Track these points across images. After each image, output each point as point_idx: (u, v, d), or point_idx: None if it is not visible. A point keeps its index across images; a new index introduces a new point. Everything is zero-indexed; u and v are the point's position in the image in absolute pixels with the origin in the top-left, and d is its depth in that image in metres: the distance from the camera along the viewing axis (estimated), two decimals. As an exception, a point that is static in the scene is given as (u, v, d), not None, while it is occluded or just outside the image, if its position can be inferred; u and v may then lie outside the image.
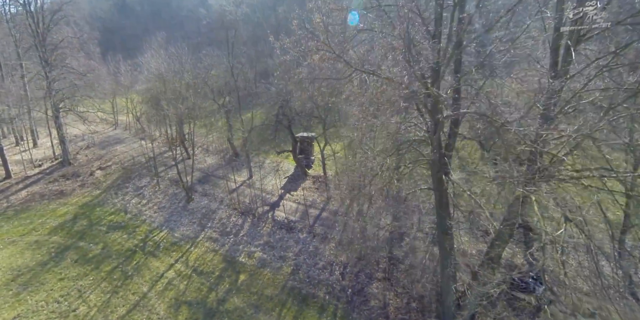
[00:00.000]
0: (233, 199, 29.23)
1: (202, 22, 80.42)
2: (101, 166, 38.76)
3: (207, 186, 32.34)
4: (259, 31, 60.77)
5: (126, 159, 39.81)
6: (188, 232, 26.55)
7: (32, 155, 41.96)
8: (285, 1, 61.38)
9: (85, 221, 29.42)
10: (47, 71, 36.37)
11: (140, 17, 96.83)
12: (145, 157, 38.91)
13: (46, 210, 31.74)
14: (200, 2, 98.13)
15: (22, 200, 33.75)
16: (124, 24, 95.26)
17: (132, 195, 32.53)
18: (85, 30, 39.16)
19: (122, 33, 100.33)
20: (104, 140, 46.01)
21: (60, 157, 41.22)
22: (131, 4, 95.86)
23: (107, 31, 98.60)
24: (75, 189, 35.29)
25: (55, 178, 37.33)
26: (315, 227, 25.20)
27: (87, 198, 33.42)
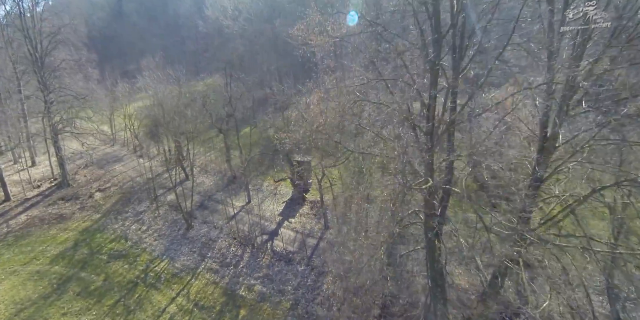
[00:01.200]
0: (232, 227, 29.71)
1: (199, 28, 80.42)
2: (100, 188, 39.05)
3: (206, 212, 32.77)
4: (256, 45, 61.06)
5: (125, 180, 40.11)
6: (188, 262, 27.02)
7: (30, 175, 42.12)
8: (282, 13, 61.63)
9: (86, 249, 29.78)
10: (45, 94, 36.56)
11: (136, 24, 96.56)
12: (143, 178, 39.27)
13: (46, 236, 32.05)
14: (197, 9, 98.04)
15: (22, 225, 34.01)
16: (121, 32, 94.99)
17: (132, 220, 32.92)
18: (84, 53, 39.25)
19: (118, 40, 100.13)
20: (102, 158, 46.22)
21: (58, 177, 41.44)
22: (128, 12, 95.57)
23: (103, 38, 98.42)
24: (74, 212, 35.60)
25: (54, 200, 37.59)
26: (313, 258, 25.76)
27: (87, 223, 33.75)
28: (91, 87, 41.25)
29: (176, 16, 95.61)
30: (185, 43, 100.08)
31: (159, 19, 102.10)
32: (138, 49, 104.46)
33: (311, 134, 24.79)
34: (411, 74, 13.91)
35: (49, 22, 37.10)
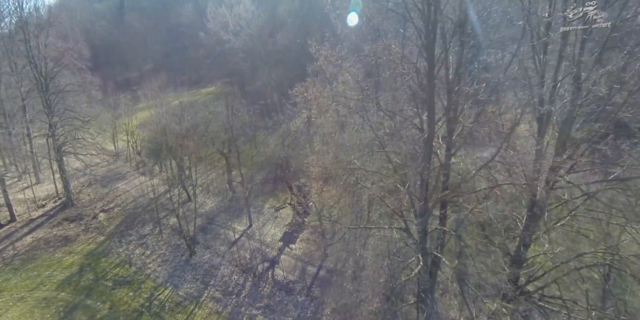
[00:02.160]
0: (234, 253, 30.40)
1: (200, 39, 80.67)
2: (104, 208, 39.74)
3: (208, 236, 33.48)
4: (257, 60, 61.59)
5: (128, 200, 40.79)
6: (191, 291, 27.73)
7: (34, 193, 42.76)
8: (284, 28, 62.10)
9: (91, 274, 30.49)
10: (50, 117, 37.22)
11: (138, 32, 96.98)
12: (146, 198, 39.97)
13: (52, 260, 32.75)
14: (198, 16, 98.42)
15: (27, 247, 34.71)
16: (122, 40, 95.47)
17: (135, 244, 33.62)
18: (87, 76, 39.84)
19: (119, 47, 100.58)
20: (105, 176, 46.85)
21: (62, 196, 42.11)
22: (129, 20, 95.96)
23: (105, 46, 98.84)
24: (79, 234, 36.30)
25: (59, 221, 38.28)
26: (313, 288, 26.46)
27: (91, 246, 34.46)
28: (95, 111, 41.75)
29: (178, 25, 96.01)
30: (187, 49, 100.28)
31: (160, 26, 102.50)
32: (140, 56, 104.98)
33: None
34: (407, 149, 14.61)
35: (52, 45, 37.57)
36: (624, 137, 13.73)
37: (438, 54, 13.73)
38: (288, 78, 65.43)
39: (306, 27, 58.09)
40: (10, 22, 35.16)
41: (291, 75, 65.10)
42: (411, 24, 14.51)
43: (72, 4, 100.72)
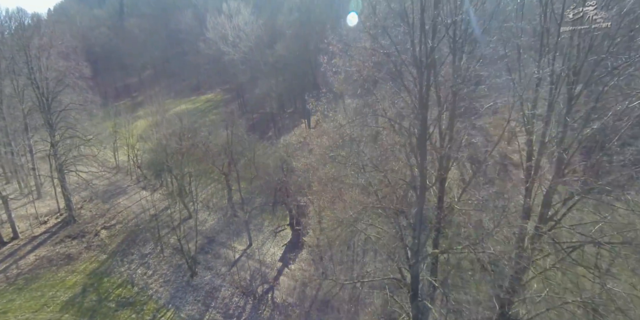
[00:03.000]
0: (234, 274, 30.93)
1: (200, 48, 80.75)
2: (105, 225, 40.24)
3: (208, 256, 34.00)
4: (257, 71, 61.92)
5: (129, 216, 41.28)
6: (193, 313, 28.27)
7: (36, 209, 43.24)
8: (283, 38, 62.41)
9: (94, 295, 31.00)
10: (52, 136, 37.64)
11: (137, 38, 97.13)
12: (147, 215, 40.49)
13: (55, 279, 33.24)
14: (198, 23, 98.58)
15: (31, 266, 35.20)
16: (122, 46, 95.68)
17: (137, 263, 34.14)
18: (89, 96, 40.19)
19: (119, 53, 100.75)
20: (106, 190, 47.33)
21: (64, 212, 42.58)
22: (129, 27, 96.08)
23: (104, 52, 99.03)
24: (81, 252, 36.80)
25: (61, 238, 38.77)
26: (312, 311, 27.00)
27: (94, 264, 34.96)
28: (96, 130, 42.18)
29: (177, 31, 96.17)
30: (187, 55, 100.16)
31: (160, 32, 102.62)
32: (139, 62, 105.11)
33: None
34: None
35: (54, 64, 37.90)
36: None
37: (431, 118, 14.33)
38: (287, 89, 65.93)
39: (305, 38, 58.46)
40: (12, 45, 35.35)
41: (290, 86, 65.64)
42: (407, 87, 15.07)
43: (71, 11, 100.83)
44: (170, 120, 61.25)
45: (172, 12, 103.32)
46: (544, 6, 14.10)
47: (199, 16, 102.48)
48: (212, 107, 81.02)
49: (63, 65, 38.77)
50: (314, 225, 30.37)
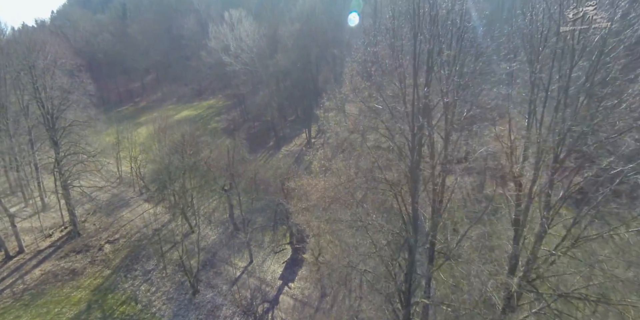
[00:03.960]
0: (235, 293, 31.59)
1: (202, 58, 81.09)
2: (109, 239, 40.96)
3: (210, 273, 34.67)
4: (259, 83, 62.40)
5: (133, 230, 41.99)
6: (195, 332, 28.95)
7: (41, 221, 44.04)
8: (284, 49, 62.82)
9: (99, 312, 31.72)
10: (56, 152, 38.32)
11: (140, 43, 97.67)
12: (150, 229, 41.22)
13: (61, 295, 33.98)
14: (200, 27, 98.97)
15: (36, 281, 35.96)
16: (125, 52, 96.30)
17: (140, 280, 34.84)
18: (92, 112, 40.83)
19: (122, 59, 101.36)
20: (110, 202, 48.06)
21: (68, 225, 43.33)
22: (132, 33, 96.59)
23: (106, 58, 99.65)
24: (86, 267, 37.53)
25: (66, 253, 39.53)
26: (311, 332, 27.64)
27: (98, 280, 35.69)
28: (101, 145, 42.84)
29: (180, 36, 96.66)
30: (189, 60, 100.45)
31: (162, 37, 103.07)
32: (142, 67, 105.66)
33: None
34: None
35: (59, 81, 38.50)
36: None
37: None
38: (289, 98, 66.45)
39: (306, 48, 58.85)
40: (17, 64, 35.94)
41: (291, 96, 66.14)
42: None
43: (74, 16, 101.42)
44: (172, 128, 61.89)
45: (174, 17, 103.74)
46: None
47: (201, 21, 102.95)
48: (214, 114, 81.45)
49: (67, 82, 39.40)
50: (312, 244, 30.88)
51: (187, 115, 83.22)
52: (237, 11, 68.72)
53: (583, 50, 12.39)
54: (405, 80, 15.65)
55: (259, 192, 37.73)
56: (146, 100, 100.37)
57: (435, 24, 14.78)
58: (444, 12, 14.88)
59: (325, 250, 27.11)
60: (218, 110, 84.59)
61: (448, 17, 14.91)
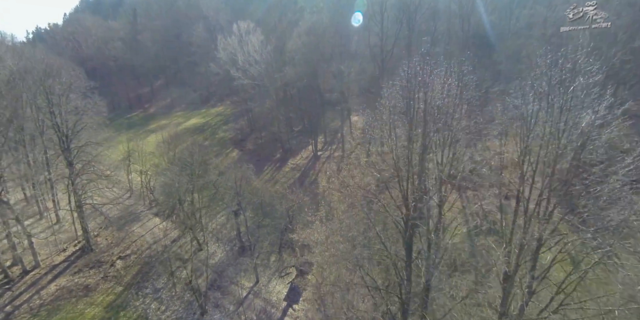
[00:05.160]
0: (241, 314, 32.79)
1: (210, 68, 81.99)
2: (121, 255, 42.43)
3: (218, 293, 35.92)
4: (266, 95, 63.31)
5: (143, 246, 43.40)
6: (202, 353, 30.20)
7: (56, 235, 45.68)
8: (291, 63, 63.60)
9: (111, 331, 33.20)
10: (71, 172, 39.76)
11: (150, 50, 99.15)
12: (160, 245, 42.63)
13: (75, 311, 35.52)
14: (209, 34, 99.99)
15: (52, 296, 37.54)
16: (136, 59, 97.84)
17: (151, 298, 36.22)
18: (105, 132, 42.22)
19: (132, 65, 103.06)
20: (120, 216, 49.54)
21: (82, 239, 44.89)
22: (142, 41, 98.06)
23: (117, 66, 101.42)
24: (99, 283, 39.04)
25: (79, 268, 41.09)
26: (314, 357, 28.71)
27: (110, 296, 37.17)
28: (113, 165, 44.23)
29: (189, 43, 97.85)
30: (198, 66, 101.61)
31: (172, 43, 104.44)
32: (151, 72, 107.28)
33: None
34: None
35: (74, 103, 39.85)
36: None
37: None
38: (295, 110, 67.37)
39: (313, 63, 59.57)
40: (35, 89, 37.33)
41: (298, 108, 67.04)
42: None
43: (86, 22, 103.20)
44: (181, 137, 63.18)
45: (184, 23, 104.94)
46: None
47: (210, 27, 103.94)
48: (222, 123, 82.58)
49: (81, 103, 40.75)
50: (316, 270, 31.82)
51: (195, 123, 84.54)
52: (245, 23, 69.55)
53: (567, 144, 13.15)
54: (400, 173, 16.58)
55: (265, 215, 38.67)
56: (155, 106, 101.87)
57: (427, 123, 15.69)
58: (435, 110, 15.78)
59: (328, 279, 28.07)
60: (226, 118, 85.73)
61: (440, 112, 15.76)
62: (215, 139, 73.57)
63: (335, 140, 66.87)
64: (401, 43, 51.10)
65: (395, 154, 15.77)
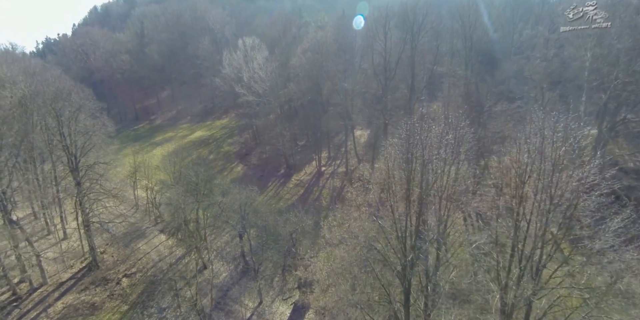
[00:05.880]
0: (245, 336, 33.13)
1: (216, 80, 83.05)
2: (126, 273, 42.98)
3: (222, 313, 36.27)
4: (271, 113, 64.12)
5: (149, 264, 43.95)
6: (206, 376, 30.50)
7: (62, 251, 46.37)
8: (296, 78, 64.54)
9: (116, 351, 33.60)
10: (79, 192, 40.53)
11: (157, 63, 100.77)
12: (165, 263, 43.17)
13: (81, 331, 36.02)
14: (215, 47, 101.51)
15: (59, 314, 38.05)
16: (141, 72, 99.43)
17: (156, 318, 36.62)
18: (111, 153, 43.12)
19: (138, 76, 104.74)
20: (126, 233, 50.19)
21: (88, 255, 45.53)
22: (149, 53, 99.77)
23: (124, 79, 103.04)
24: (104, 301, 39.54)
25: (86, 285, 41.64)
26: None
27: (116, 315, 37.62)
28: (120, 185, 45.04)
29: (195, 56, 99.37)
30: (203, 77, 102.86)
31: (178, 55, 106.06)
32: (157, 84, 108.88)
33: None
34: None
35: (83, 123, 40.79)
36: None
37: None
38: (299, 126, 68.10)
39: (317, 80, 60.42)
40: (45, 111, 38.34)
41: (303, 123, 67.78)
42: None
43: (95, 36, 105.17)
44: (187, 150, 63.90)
45: (190, 35, 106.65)
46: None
47: (216, 40, 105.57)
48: (227, 136, 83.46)
49: (90, 124, 41.68)
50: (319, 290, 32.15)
51: (200, 135, 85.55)
52: (251, 39, 70.77)
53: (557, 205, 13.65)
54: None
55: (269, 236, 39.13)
56: (161, 118, 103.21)
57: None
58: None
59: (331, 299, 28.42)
60: (230, 131, 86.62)
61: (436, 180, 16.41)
62: (220, 152, 74.40)
63: (339, 155, 67.44)
64: (404, 62, 51.78)
65: (393, 206, 16.35)
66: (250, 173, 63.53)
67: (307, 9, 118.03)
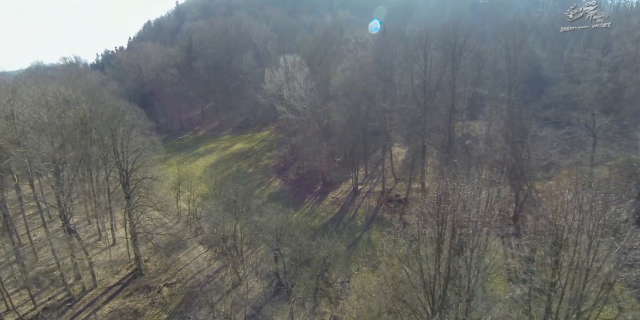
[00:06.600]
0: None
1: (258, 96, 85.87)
2: (167, 282, 45.40)
3: (254, 332, 37.38)
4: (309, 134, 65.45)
5: (188, 275, 46.19)
6: None
7: (112, 257, 49.80)
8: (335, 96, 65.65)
9: (155, 360, 35.54)
10: (129, 204, 43.56)
11: (202, 77, 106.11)
12: (203, 275, 45.14)
13: (124, 337, 38.45)
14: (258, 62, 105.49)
15: (106, 317, 40.86)
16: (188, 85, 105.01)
17: (192, 329, 38.39)
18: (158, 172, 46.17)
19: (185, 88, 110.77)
20: (169, 242, 53.01)
21: (134, 263, 48.58)
22: (196, 68, 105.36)
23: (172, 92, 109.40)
24: (146, 308, 41.97)
25: (130, 291, 44.44)
26: None
27: (156, 324, 39.85)
28: (166, 198, 47.94)
29: (238, 71, 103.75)
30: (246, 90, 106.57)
31: (222, 68, 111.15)
32: (202, 97, 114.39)
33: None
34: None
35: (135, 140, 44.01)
36: None
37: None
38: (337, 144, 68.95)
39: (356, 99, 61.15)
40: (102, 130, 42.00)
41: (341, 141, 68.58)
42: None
43: (148, 50, 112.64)
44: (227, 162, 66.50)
45: (234, 50, 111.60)
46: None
47: (259, 54, 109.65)
48: (266, 149, 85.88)
49: (141, 141, 44.87)
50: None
51: (240, 148, 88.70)
52: (292, 57, 72.98)
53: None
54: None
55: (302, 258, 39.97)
56: (204, 129, 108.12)
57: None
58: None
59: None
60: (270, 144, 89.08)
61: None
62: (259, 166, 76.74)
63: (376, 173, 67.46)
64: (444, 83, 51.36)
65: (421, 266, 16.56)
66: (287, 188, 65.01)
67: (348, 24, 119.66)
